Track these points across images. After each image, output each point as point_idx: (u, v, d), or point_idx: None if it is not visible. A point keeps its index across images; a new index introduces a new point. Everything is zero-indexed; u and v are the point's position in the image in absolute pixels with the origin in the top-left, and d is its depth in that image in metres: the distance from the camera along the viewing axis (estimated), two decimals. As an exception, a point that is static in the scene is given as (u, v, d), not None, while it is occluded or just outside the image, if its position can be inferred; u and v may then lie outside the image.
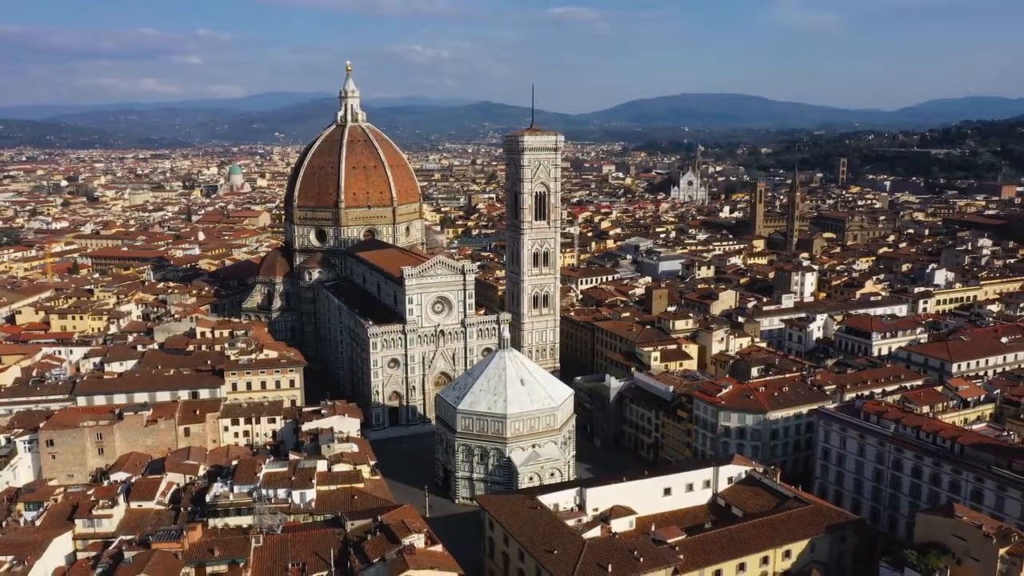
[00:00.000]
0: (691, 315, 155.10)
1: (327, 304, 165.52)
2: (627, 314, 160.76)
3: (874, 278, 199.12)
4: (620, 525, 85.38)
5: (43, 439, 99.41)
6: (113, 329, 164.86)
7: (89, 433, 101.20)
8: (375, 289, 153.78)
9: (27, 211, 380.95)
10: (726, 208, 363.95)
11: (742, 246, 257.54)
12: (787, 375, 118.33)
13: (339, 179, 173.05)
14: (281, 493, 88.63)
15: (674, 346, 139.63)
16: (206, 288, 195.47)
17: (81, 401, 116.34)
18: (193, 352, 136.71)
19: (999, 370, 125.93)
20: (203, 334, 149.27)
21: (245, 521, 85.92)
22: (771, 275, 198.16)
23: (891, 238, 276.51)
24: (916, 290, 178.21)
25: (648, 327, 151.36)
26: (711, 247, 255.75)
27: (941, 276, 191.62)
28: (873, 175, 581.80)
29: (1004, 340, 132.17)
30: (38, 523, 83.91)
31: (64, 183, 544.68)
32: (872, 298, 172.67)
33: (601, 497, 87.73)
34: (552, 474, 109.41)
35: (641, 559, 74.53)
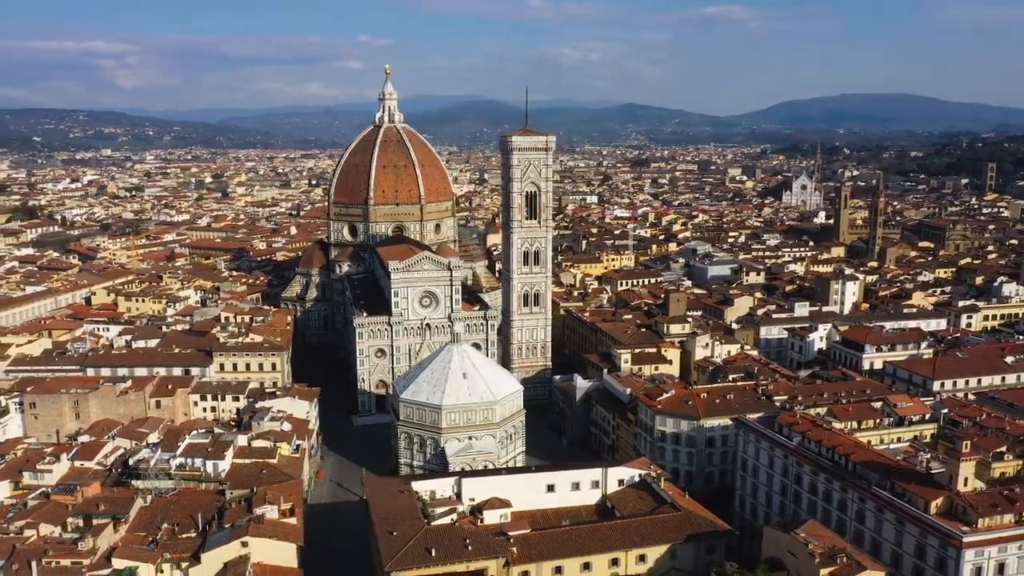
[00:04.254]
0: (689, 319, 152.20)
1: (347, 295, 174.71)
2: (629, 316, 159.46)
3: (933, 290, 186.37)
4: (493, 517, 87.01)
5: (26, 401, 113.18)
6: (170, 311, 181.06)
7: (67, 399, 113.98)
8: (384, 282, 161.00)
9: (162, 204, 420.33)
10: (822, 214, 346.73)
11: (812, 253, 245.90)
12: (737, 383, 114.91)
13: (369, 177, 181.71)
14: (197, 462, 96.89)
15: (653, 349, 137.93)
16: (262, 277, 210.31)
17: (90, 372, 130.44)
18: (208, 334, 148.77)
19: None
20: (227, 319, 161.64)
21: (162, 484, 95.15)
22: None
23: (989, 248, 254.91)
24: (960, 303, 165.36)
25: (644, 329, 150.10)
26: (779, 253, 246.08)
27: (1010, 289, 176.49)
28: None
29: (1009, 360, 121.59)
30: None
31: (208, 180, 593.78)
32: (906, 310, 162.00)
33: (478, 488, 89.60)
34: (484, 466, 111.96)
35: (470, 548, 76.62)
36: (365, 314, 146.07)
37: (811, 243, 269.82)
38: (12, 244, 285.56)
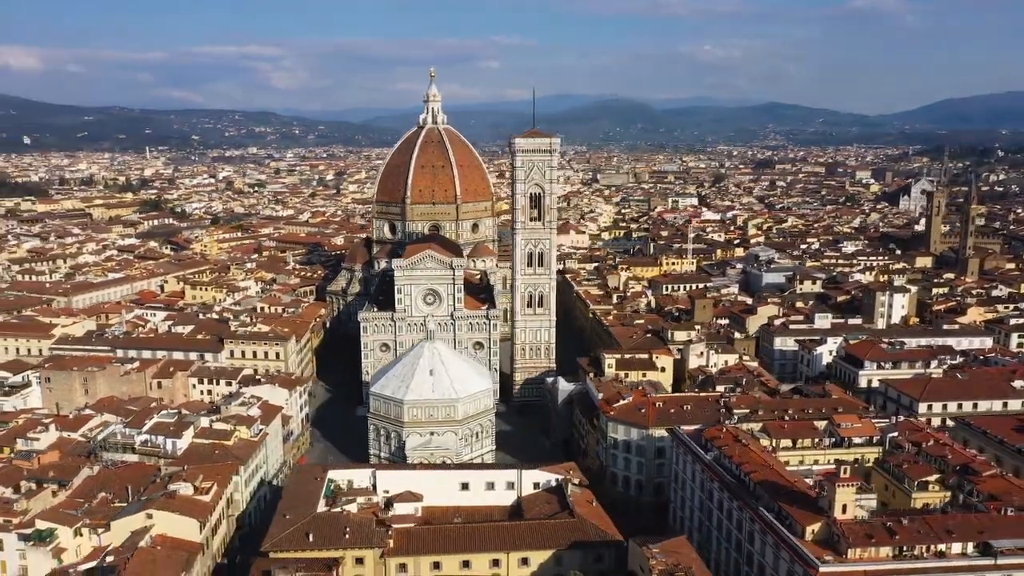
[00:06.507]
0: (697, 327, 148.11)
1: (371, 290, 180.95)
2: (640, 320, 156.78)
3: (1007, 305, 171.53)
4: (404, 509, 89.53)
5: (43, 376, 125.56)
6: (228, 301, 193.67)
7: (77, 376, 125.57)
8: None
9: (275, 200, 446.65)
10: (922, 221, 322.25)
11: (887, 262, 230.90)
12: (700, 393, 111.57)
13: (408, 177, 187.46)
14: (159, 439, 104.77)
15: (645, 356, 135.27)
16: (319, 271, 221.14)
17: (119, 352, 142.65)
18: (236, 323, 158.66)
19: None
20: (262, 309, 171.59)
21: (129, 458, 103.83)
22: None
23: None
24: (1012, 321, 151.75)
25: (649, 335, 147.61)
26: (854, 261, 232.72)
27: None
28: None
29: (1017, 384, 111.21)
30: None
31: (330, 177, 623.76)
32: (946, 326, 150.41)
33: (393, 481, 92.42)
34: (443, 462, 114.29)
35: (348, 536, 79.51)
36: (375, 308, 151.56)
37: (898, 252, 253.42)
38: (125, 234, 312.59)
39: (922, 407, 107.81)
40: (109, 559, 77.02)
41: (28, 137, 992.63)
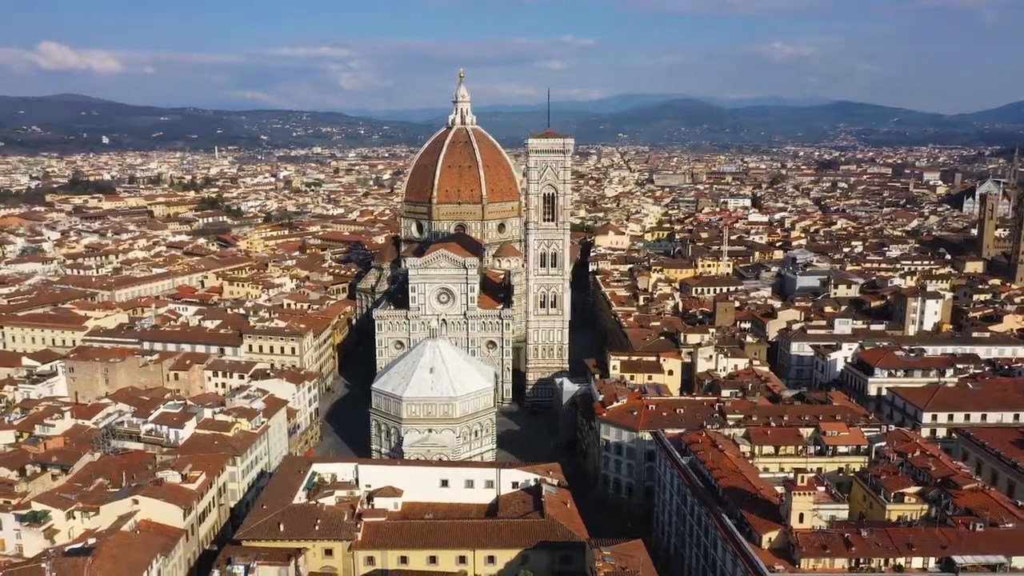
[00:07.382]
0: (712, 330, 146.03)
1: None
2: (657, 323, 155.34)
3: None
4: (385, 503, 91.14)
5: (67, 366, 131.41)
6: (263, 297, 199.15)
7: (99, 367, 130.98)
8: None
9: (327, 199, 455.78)
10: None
11: (932, 266, 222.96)
12: (695, 397, 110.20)
13: (434, 177, 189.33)
14: (162, 429, 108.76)
15: (652, 358, 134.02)
16: (353, 268, 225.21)
17: (145, 345, 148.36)
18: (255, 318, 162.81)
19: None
20: (289, 305, 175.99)
21: (132, 446, 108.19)
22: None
23: None
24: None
25: (663, 337, 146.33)
26: (897, 266, 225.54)
27: None
28: None
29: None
30: (16, 423, 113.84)
31: (387, 176, 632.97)
32: (976, 334, 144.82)
33: (375, 475, 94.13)
34: (439, 458, 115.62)
35: (317, 528, 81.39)
36: (392, 306, 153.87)
37: (947, 256, 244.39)
38: (179, 231, 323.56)
39: (926, 417, 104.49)
40: (92, 541, 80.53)
41: (107, 137, 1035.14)
